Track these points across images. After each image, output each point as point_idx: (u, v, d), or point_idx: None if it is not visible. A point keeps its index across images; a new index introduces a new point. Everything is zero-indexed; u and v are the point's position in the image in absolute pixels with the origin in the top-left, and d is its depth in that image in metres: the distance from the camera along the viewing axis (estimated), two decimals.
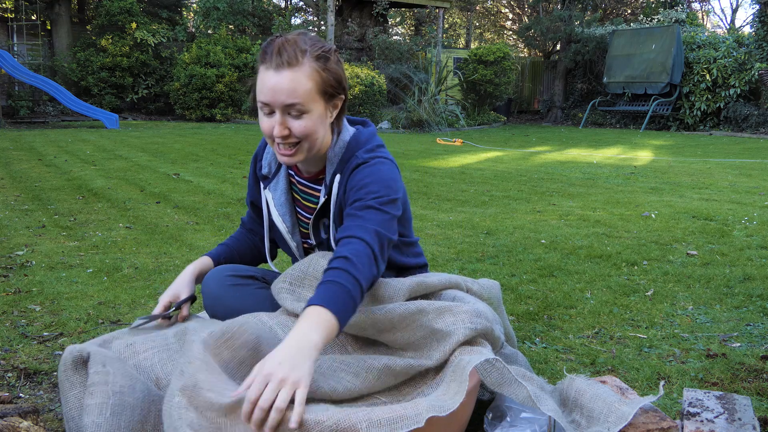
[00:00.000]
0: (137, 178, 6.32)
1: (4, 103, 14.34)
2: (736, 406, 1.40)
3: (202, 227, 4.20)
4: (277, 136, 1.58)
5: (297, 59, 1.55)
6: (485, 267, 3.26)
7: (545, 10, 19.35)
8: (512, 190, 5.89)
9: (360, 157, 1.66)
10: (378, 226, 1.52)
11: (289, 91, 1.54)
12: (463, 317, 1.53)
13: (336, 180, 1.68)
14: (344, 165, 1.68)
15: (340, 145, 1.72)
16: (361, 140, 1.71)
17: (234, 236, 1.98)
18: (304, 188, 1.80)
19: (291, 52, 1.54)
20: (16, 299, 2.69)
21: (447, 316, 1.54)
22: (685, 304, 2.70)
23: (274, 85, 1.54)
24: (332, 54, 1.61)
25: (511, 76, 16.74)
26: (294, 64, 1.54)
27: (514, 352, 1.78)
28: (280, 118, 1.57)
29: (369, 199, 1.56)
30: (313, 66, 1.56)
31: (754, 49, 14.51)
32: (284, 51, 1.54)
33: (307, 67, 1.56)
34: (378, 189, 1.58)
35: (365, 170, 1.63)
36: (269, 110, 1.58)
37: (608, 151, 9.99)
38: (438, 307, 1.56)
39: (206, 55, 15.09)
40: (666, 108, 15.50)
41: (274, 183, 1.81)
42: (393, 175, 1.65)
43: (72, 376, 1.40)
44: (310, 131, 1.59)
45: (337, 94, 1.63)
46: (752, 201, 5.28)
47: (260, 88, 1.57)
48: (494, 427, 1.48)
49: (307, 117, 1.58)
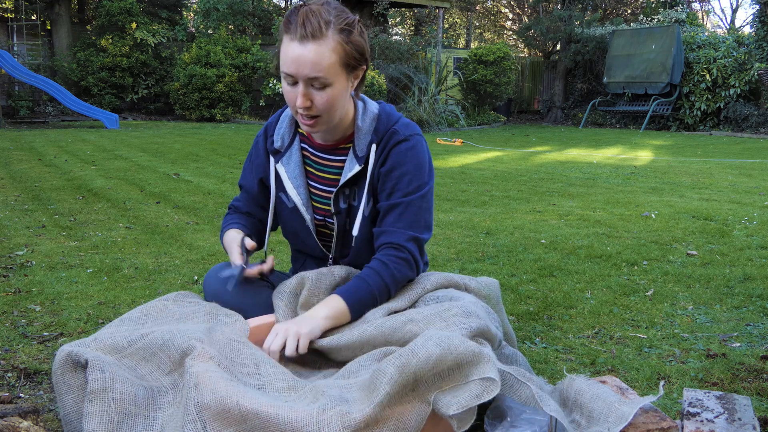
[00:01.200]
0: (137, 178, 6.32)
1: (4, 103, 14.34)
2: (736, 406, 1.40)
3: (202, 227, 4.20)
4: (300, 107, 1.59)
5: (321, 31, 1.55)
6: (485, 267, 3.26)
7: (545, 10, 19.35)
8: (512, 190, 5.89)
9: (401, 133, 1.73)
10: (417, 232, 1.71)
11: (312, 64, 1.55)
12: (454, 320, 1.51)
13: (373, 149, 1.71)
14: (381, 136, 1.72)
15: (369, 115, 1.75)
16: (393, 114, 1.77)
17: (238, 221, 1.90)
18: (320, 160, 1.79)
19: (315, 24, 1.54)
20: (16, 299, 2.69)
21: (438, 322, 1.52)
22: (685, 304, 2.70)
23: (297, 57, 1.55)
24: (356, 25, 1.61)
25: (511, 76, 16.75)
26: (318, 36, 1.55)
27: (514, 352, 1.77)
28: (303, 89, 1.58)
29: (409, 189, 1.70)
30: (337, 39, 1.57)
31: (754, 49, 14.51)
32: (308, 22, 1.54)
33: (331, 40, 1.56)
34: (416, 177, 1.71)
35: (405, 150, 1.72)
36: (292, 81, 1.58)
37: (608, 151, 9.99)
38: (427, 315, 1.55)
39: (206, 55, 15.09)
40: (666, 108, 15.50)
41: (287, 157, 1.80)
42: (427, 155, 1.77)
43: (69, 379, 1.39)
44: (332, 103, 1.61)
45: (359, 66, 1.65)
46: (752, 201, 5.28)
47: (284, 59, 1.58)
48: (494, 427, 1.47)
49: (329, 89, 1.59)
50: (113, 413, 1.29)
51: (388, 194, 1.73)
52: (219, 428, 1.22)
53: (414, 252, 1.70)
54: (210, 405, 1.23)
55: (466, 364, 1.32)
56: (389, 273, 1.67)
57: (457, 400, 1.29)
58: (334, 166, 1.78)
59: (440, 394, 1.31)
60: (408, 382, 1.28)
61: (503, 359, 1.68)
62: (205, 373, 1.29)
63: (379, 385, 1.26)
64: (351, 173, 1.73)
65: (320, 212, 1.82)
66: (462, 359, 1.31)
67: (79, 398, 1.38)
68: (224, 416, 1.22)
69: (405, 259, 1.69)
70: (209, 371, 1.30)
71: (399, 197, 1.71)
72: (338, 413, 1.23)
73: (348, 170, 1.74)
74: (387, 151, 1.72)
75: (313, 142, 1.80)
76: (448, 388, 1.31)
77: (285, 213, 1.85)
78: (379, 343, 1.54)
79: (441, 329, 1.49)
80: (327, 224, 1.83)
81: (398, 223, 1.70)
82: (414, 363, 1.28)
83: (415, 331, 1.51)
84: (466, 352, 1.32)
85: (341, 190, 1.76)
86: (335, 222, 1.80)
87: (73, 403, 1.38)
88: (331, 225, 1.82)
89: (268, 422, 1.22)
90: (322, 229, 1.84)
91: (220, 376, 1.29)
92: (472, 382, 1.31)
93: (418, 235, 1.71)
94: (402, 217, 1.70)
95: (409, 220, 1.70)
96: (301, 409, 1.24)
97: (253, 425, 1.22)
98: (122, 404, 1.31)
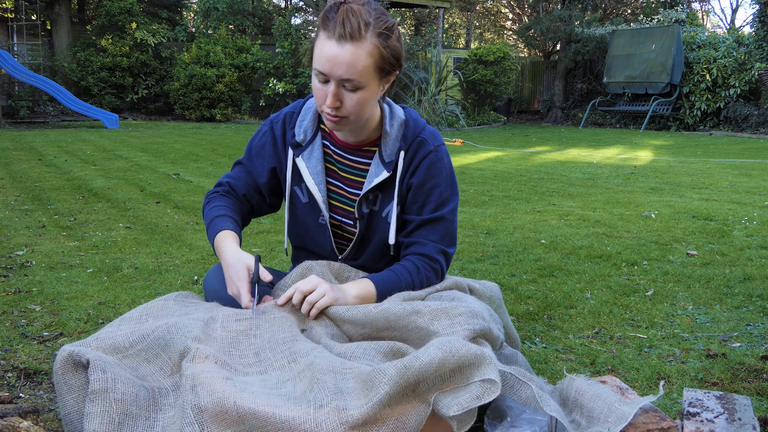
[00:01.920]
0: (137, 178, 6.32)
1: (4, 103, 14.34)
2: (736, 406, 1.40)
3: (202, 227, 4.20)
4: (329, 106, 1.57)
5: (360, 33, 1.52)
6: (485, 267, 3.26)
7: (545, 10, 19.35)
8: (512, 190, 5.89)
9: (429, 143, 1.74)
10: (446, 246, 1.75)
11: (348, 65, 1.52)
12: (459, 320, 1.52)
13: (401, 157, 1.71)
14: (409, 144, 1.73)
15: (397, 121, 1.74)
16: (419, 120, 1.78)
17: (229, 206, 1.80)
18: (343, 159, 1.77)
19: (355, 25, 1.52)
20: (16, 299, 2.69)
21: (443, 319, 1.52)
22: (685, 304, 2.70)
23: (333, 57, 1.52)
24: (395, 29, 1.59)
25: (511, 76, 16.75)
26: (357, 38, 1.52)
27: (513, 353, 1.78)
28: (334, 89, 1.55)
29: (440, 202, 1.74)
30: (374, 42, 1.54)
31: (754, 49, 14.51)
32: (348, 22, 1.51)
33: (368, 43, 1.54)
34: (447, 189, 1.75)
35: (436, 161, 1.73)
36: (324, 79, 1.56)
37: (608, 151, 9.99)
38: (433, 309, 1.55)
39: (206, 55, 15.10)
40: (666, 108, 15.50)
41: (308, 151, 1.76)
42: (452, 166, 1.80)
43: (70, 379, 1.39)
44: (362, 106, 1.60)
45: (393, 71, 1.63)
46: (752, 201, 5.28)
47: (318, 56, 1.55)
48: (494, 427, 1.47)
49: (360, 92, 1.57)
50: (114, 414, 1.29)
51: (420, 207, 1.74)
52: (218, 430, 1.22)
53: (443, 264, 1.75)
54: (207, 407, 1.23)
55: (468, 366, 1.32)
56: (419, 277, 1.71)
57: (457, 402, 1.29)
58: (359, 168, 1.76)
59: (441, 395, 1.31)
60: (409, 383, 1.28)
61: (503, 359, 1.68)
62: (202, 374, 1.29)
63: (378, 384, 1.26)
64: (378, 179, 1.71)
65: (339, 212, 1.80)
66: (463, 361, 1.32)
67: (80, 398, 1.38)
68: (222, 417, 1.23)
69: (435, 270, 1.74)
70: (205, 371, 1.30)
71: (430, 211, 1.74)
72: (335, 409, 1.23)
73: (374, 175, 1.72)
74: (417, 162, 1.72)
75: (336, 140, 1.77)
76: (449, 390, 1.31)
77: (299, 208, 1.82)
78: (382, 326, 1.55)
79: (445, 327, 1.50)
80: (343, 224, 1.81)
81: (430, 235, 1.74)
82: (416, 366, 1.28)
83: (419, 323, 1.52)
84: (468, 354, 1.32)
85: (366, 195, 1.75)
86: (357, 226, 1.78)
87: (74, 403, 1.38)
88: (347, 226, 1.80)
89: (266, 422, 1.22)
90: (335, 229, 1.82)
91: (217, 376, 1.29)
92: (473, 383, 1.31)
93: (447, 250, 1.76)
94: (433, 232, 1.74)
95: (440, 235, 1.74)
96: (297, 408, 1.24)
97: (251, 425, 1.22)
98: (123, 405, 1.31)
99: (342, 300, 1.60)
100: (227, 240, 1.68)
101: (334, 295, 1.59)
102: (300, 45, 15.26)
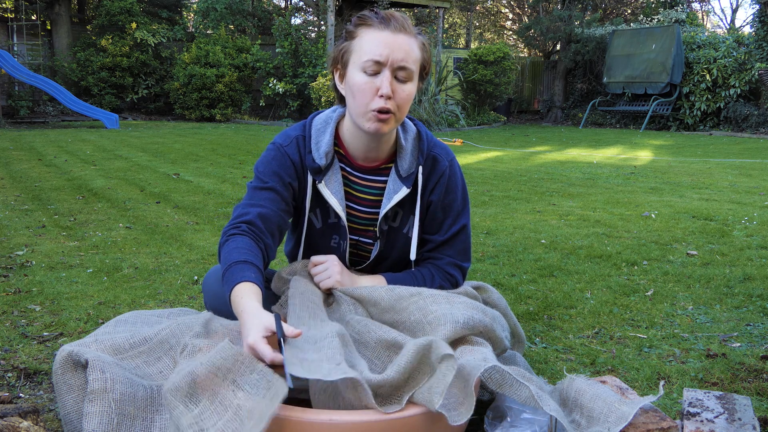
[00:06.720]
0: (137, 178, 6.32)
1: (4, 103, 14.34)
2: (736, 406, 1.40)
3: (202, 227, 4.20)
4: (385, 93, 1.53)
5: (411, 28, 1.58)
6: (485, 267, 3.26)
7: (545, 10, 19.34)
8: (512, 190, 5.89)
9: (443, 158, 1.77)
10: (462, 261, 1.80)
11: (406, 51, 1.56)
12: (459, 306, 1.55)
13: (420, 172, 1.72)
14: (425, 159, 1.74)
15: (410, 134, 1.74)
16: (428, 133, 1.80)
17: (249, 249, 1.56)
18: (360, 181, 1.74)
19: (403, 21, 1.57)
20: (16, 299, 2.69)
21: (443, 303, 1.56)
22: (685, 304, 2.70)
23: (392, 42, 1.54)
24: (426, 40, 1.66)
25: (511, 76, 16.74)
26: (409, 31, 1.58)
27: (512, 354, 1.79)
28: (389, 76, 1.55)
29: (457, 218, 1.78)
30: (420, 40, 1.61)
31: (754, 49, 14.51)
32: (394, 19, 1.56)
33: (417, 40, 1.60)
34: (460, 204, 1.80)
35: (450, 177, 1.78)
36: (376, 69, 1.55)
37: (608, 151, 9.99)
38: (434, 293, 1.61)
39: (206, 55, 15.10)
40: (666, 108, 15.50)
41: (328, 176, 1.69)
42: (464, 178, 1.86)
43: (70, 379, 1.39)
44: (408, 102, 1.60)
45: (423, 78, 1.66)
46: (752, 201, 5.28)
47: (370, 47, 1.54)
48: (494, 427, 1.47)
49: (410, 85, 1.59)
50: (113, 414, 1.30)
51: (438, 224, 1.78)
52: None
53: (459, 279, 1.80)
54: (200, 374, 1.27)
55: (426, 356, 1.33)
56: (434, 285, 1.75)
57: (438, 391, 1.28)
58: (375, 186, 1.74)
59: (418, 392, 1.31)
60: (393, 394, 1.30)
61: (502, 360, 1.69)
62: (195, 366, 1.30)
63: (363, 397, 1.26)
64: (399, 196, 1.69)
65: (356, 232, 1.78)
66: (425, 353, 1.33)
67: (80, 398, 1.38)
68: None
69: (450, 282, 1.78)
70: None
71: (448, 226, 1.78)
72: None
73: (393, 192, 1.70)
74: (435, 179, 1.75)
75: (353, 162, 1.72)
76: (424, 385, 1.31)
77: (312, 234, 1.77)
78: (386, 306, 1.60)
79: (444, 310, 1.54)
80: (359, 243, 1.80)
81: (448, 251, 1.79)
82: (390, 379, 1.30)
83: (420, 304, 1.56)
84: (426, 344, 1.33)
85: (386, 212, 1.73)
86: (376, 244, 1.77)
87: (73, 403, 1.38)
88: (363, 244, 1.80)
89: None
90: (351, 248, 1.81)
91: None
92: (438, 368, 1.31)
93: (463, 265, 1.81)
94: (451, 248, 1.79)
95: (457, 250, 1.80)
96: None
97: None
98: (122, 405, 1.31)
99: (348, 285, 1.68)
100: (246, 297, 1.43)
101: (341, 279, 1.67)
102: (300, 45, 15.25)
